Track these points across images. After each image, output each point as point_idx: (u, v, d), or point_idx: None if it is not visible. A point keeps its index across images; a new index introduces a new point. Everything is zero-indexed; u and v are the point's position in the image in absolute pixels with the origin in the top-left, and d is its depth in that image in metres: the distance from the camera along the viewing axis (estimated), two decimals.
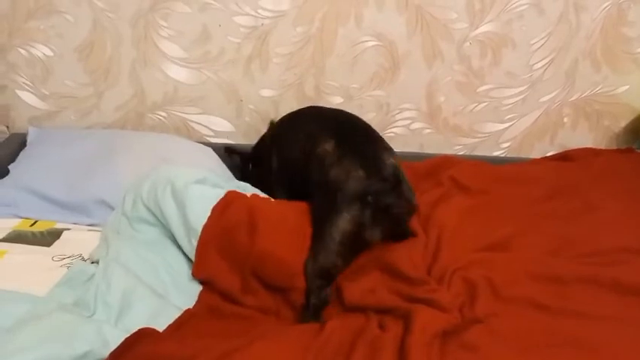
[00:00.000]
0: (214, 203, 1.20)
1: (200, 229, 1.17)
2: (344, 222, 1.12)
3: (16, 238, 1.24)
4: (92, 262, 1.12)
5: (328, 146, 1.23)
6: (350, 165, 1.17)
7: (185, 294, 1.13)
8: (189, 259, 1.20)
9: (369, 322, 1.02)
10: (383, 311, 1.05)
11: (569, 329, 0.99)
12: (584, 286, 1.09)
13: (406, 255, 1.16)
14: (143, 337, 0.94)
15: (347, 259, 1.16)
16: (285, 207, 1.27)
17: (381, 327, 0.99)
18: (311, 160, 1.24)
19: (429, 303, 1.03)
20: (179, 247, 1.22)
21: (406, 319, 0.98)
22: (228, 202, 1.21)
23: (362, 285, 1.12)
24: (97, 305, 0.98)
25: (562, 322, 1.01)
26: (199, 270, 1.16)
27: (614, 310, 1.03)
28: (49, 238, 1.24)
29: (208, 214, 1.18)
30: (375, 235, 1.17)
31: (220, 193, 1.23)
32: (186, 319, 1.04)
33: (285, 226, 1.19)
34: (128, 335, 0.93)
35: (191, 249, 1.18)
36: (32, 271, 1.09)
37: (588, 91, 1.74)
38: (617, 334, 0.98)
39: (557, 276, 1.12)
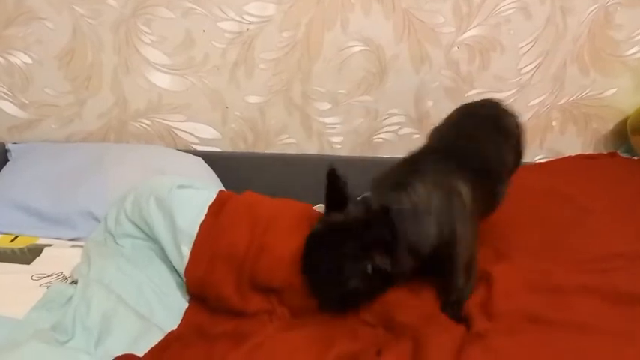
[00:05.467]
0: (206, 203, 1.19)
1: (192, 230, 1.15)
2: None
3: None
4: (72, 282, 1.09)
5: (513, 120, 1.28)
6: None
7: (170, 312, 1.10)
8: (176, 274, 1.17)
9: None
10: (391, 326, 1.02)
11: (571, 343, 0.95)
12: (584, 295, 1.06)
13: None
14: None
15: None
16: (281, 204, 1.26)
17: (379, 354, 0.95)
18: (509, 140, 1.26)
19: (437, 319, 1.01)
20: (166, 262, 1.19)
21: (416, 342, 0.96)
22: (223, 201, 1.21)
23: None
24: (75, 329, 0.94)
25: (563, 335, 0.96)
26: (193, 269, 1.13)
27: (616, 321, 0.99)
28: (29, 255, 1.21)
29: (204, 212, 1.17)
30: None
31: (209, 194, 1.22)
32: (169, 341, 1.00)
33: (283, 223, 1.18)
34: None
35: (180, 258, 1.15)
36: (10, 291, 1.06)
37: (576, 95, 1.73)
38: (621, 347, 0.94)
39: (555, 286, 1.09)
